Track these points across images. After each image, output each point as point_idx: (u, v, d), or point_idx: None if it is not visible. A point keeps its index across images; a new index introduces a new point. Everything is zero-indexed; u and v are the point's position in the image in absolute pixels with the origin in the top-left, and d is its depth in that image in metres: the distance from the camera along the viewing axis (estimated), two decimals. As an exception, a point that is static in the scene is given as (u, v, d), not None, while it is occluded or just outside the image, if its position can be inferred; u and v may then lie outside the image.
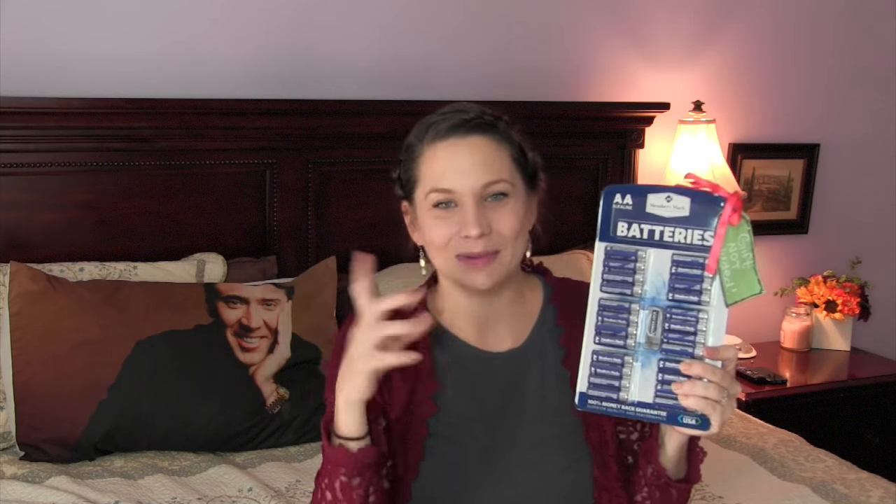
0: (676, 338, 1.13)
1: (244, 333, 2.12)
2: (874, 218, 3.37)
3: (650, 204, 1.13)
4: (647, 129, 2.88)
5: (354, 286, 1.12)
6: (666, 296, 1.13)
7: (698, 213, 1.11)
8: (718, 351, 1.12)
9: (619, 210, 1.14)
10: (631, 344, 1.14)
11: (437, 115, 1.32)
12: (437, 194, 1.26)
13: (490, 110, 1.32)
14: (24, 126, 2.23)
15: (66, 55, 2.34)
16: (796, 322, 3.05)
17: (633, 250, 1.13)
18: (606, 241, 1.14)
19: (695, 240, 1.11)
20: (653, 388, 1.13)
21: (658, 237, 1.13)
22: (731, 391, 1.13)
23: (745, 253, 1.11)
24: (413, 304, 1.14)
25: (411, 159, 1.31)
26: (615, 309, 1.14)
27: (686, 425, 1.13)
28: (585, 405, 1.15)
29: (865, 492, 1.95)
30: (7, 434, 2.03)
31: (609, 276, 1.14)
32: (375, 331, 1.10)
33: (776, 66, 3.14)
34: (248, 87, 2.49)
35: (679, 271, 1.12)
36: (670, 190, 1.13)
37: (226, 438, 2.06)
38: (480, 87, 2.72)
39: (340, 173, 2.56)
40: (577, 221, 2.84)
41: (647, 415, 1.14)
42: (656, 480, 1.26)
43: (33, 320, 2.03)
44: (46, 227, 2.30)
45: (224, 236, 2.46)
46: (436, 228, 1.27)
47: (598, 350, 1.15)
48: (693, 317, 1.12)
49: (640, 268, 1.13)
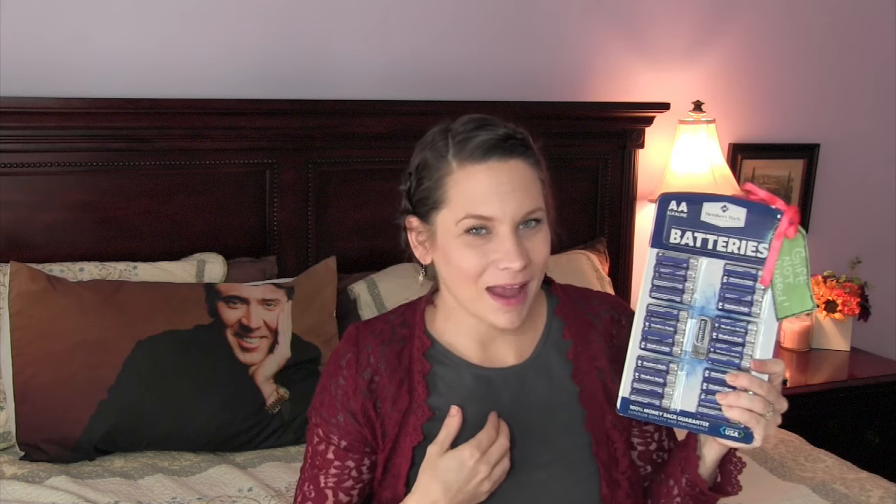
0: (724, 348, 1.12)
1: (244, 333, 2.12)
2: (874, 218, 3.37)
3: (705, 213, 1.12)
4: (647, 129, 2.88)
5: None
6: (716, 305, 1.12)
7: (754, 224, 1.11)
8: (766, 364, 1.11)
9: (674, 217, 1.13)
10: (677, 352, 1.13)
11: (461, 127, 1.23)
12: (472, 220, 1.18)
13: (513, 125, 1.24)
14: (24, 126, 2.23)
15: (66, 55, 2.34)
16: (796, 322, 3.05)
17: (684, 258, 1.13)
18: (659, 247, 1.14)
19: (749, 251, 1.11)
20: (696, 397, 1.12)
21: (712, 246, 1.12)
22: (777, 406, 1.12)
23: (800, 268, 1.11)
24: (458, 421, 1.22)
25: (436, 177, 1.21)
26: (663, 315, 1.14)
27: (729, 437, 1.12)
28: (627, 410, 1.15)
29: (865, 492, 1.95)
30: (7, 434, 2.03)
31: (659, 282, 1.14)
32: (499, 462, 1.20)
33: (776, 66, 3.14)
34: (248, 87, 2.49)
35: (731, 281, 1.12)
36: (727, 200, 1.12)
37: (226, 438, 2.06)
38: (481, 87, 2.73)
39: (340, 173, 2.56)
40: (577, 221, 2.84)
41: (690, 424, 1.13)
42: (691, 490, 1.23)
43: (33, 320, 2.03)
44: (46, 227, 2.30)
45: (224, 236, 2.46)
46: (468, 257, 1.18)
47: (643, 356, 1.14)
48: (742, 328, 1.12)
49: (691, 276, 1.13)
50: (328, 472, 1.28)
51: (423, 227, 1.25)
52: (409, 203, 1.26)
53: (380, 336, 1.29)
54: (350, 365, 1.27)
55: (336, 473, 1.27)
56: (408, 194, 1.26)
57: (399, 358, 1.27)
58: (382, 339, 1.29)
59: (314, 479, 1.29)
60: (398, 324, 1.31)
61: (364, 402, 1.26)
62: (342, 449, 1.27)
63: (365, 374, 1.26)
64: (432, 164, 1.22)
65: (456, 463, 1.18)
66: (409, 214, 1.27)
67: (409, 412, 1.25)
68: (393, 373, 1.27)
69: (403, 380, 1.26)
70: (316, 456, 1.29)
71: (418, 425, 1.25)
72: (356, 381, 1.26)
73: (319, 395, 1.30)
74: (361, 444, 1.27)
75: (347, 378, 1.27)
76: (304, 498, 1.30)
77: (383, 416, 1.26)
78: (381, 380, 1.26)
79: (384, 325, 1.31)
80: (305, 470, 1.31)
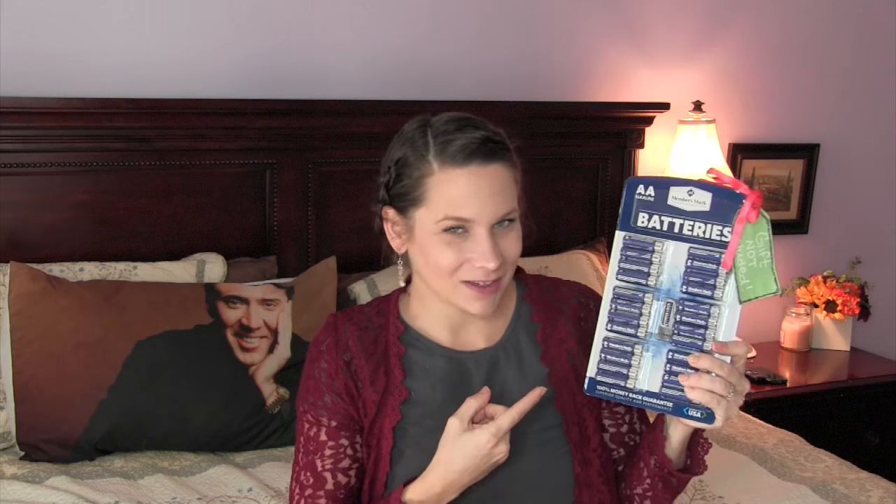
0: (687, 330, 1.14)
1: (244, 333, 2.12)
2: (874, 218, 3.37)
3: (672, 197, 1.14)
4: (647, 129, 2.88)
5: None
6: (680, 288, 1.14)
7: (719, 208, 1.12)
8: (728, 346, 1.13)
9: (641, 201, 1.15)
10: (642, 333, 1.16)
11: (442, 127, 1.26)
12: (451, 221, 1.23)
13: (491, 125, 1.28)
14: (24, 126, 2.23)
15: (66, 55, 2.34)
16: (796, 322, 3.05)
17: (650, 241, 1.15)
18: (626, 230, 1.15)
19: (713, 235, 1.12)
20: (660, 378, 1.15)
21: (678, 230, 1.14)
22: (738, 388, 1.14)
23: (763, 251, 1.12)
24: (485, 400, 1.23)
25: (416, 175, 1.25)
26: (629, 298, 1.16)
27: (691, 418, 1.15)
28: (594, 391, 1.18)
29: (865, 492, 1.95)
30: (7, 434, 2.03)
31: (625, 265, 1.16)
32: (503, 438, 1.20)
33: (776, 66, 3.14)
34: (248, 87, 2.49)
35: (695, 265, 1.14)
36: (693, 184, 1.14)
37: (226, 438, 2.06)
38: (480, 87, 2.73)
39: (340, 173, 2.56)
40: (577, 221, 2.84)
41: (654, 404, 1.16)
42: (659, 471, 1.27)
43: (33, 320, 2.03)
44: (46, 227, 2.30)
45: (224, 236, 2.46)
46: (445, 254, 1.24)
47: (609, 337, 1.17)
48: (705, 311, 1.13)
49: (657, 259, 1.15)
50: (323, 455, 1.30)
51: (399, 220, 1.30)
52: (387, 195, 1.30)
53: (357, 324, 1.35)
54: (330, 349, 1.32)
55: (332, 454, 1.30)
56: (386, 187, 1.30)
57: (375, 343, 1.33)
58: (360, 326, 1.35)
59: (310, 465, 1.31)
60: (374, 313, 1.37)
61: (346, 381, 1.31)
62: (333, 428, 1.31)
63: (344, 357, 1.32)
64: (412, 163, 1.26)
65: (472, 447, 1.21)
66: (386, 205, 1.31)
67: (387, 393, 1.30)
68: (369, 357, 1.32)
69: (380, 363, 1.32)
70: (309, 442, 1.32)
71: (396, 405, 1.30)
72: (337, 363, 1.31)
73: (304, 383, 1.34)
74: (350, 422, 1.31)
75: (329, 360, 1.32)
76: (301, 487, 1.31)
77: (363, 397, 1.31)
78: (359, 362, 1.32)
79: (360, 315, 1.37)
80: (298, 461, 1.33)
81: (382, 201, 1.32)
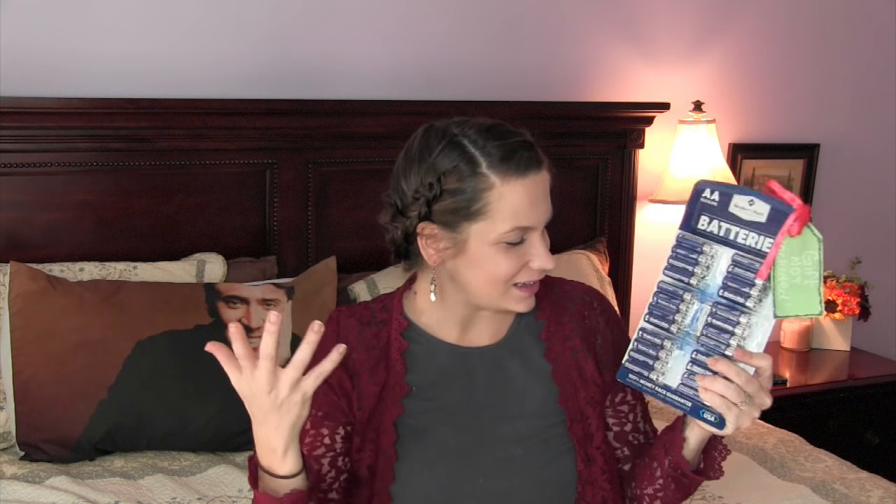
0: (714, 333, 1.16)
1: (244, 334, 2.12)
2: (874, 218, 3.37)
3: (734, 204, 1.15)
4: (647, 128, 2.88)
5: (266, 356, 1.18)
6: (718, 292, 1.16)
7: (774, 221, 1.13)
8: (752, 356, 1.14)
9: (706, 204, 1.17)
10: (675, 330, 1.18)
11: (483, 136, 1.24)
12: (517, 233, 1.23)
13: (521, 129, 1.29)
14: (24, 126, 2.23)
15: (66, 55, 2.34)
16: (796, 322, 3.05)
17: (700, 242, 1.17)
18: (685, 230, 1.18)
19: (762, 246, 1.14)
20: (681, 376, 1.17)
21: (732, 237, 1.15)
22: (756, 399, 1.15)
23: (810, 271, 1.12)
24: (317, 339, 1.17)
25: (471, 190, 1.22)
26: (670, 294, 1.19)
27: (704, 420, 1.17)
28: (626, 378, 1.21)
29: (865, 492, 1.95)
30: (7, 434, 2.04)
31: (674, 261, 1.19)
32: (300, 391, 1.15)
33: (776, 66, 3.14)
34: (248, 87, 2.49)
35: (735, 271, 1.15)
36: (755, 194, 1.15)
37: (226, 438, 2.06)
38: (481, 87, 2.72)
39: (340, 173, 2.56)
40: (577, 221, 2.84)
41: (675, 401, 1.18)
42: (673, 472, 1.27)
43: (33, 320, 2.03)
44: (46, 227, 2.30)
45: (224, 236, 2.46)
46: (504, 263, 1.24)
47: (645, 328, 1.20)
48: (734, 317, 1.15)
49: (703, 261, 1.17)
50: (301, 441, 1.29)
51: (445, 235, 1.26)
52: (429, 211, 1.26)
53: (360, 319, 1.36)
54: (330, 341, 1.31)
55: (309, 442, 1.31)
56: (427, 203, 1.25)
57: (377, 338, 1.34)
58: (362, 321, 1.36)
59: None
60: (378, 309, 1.38)
61: (340, 374, 1.31)
62: (318, 417, 1.31)
63: None
64: (465, 177, 1.22)
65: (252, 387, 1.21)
66: (425, 221, 1.26)
67: (387, 387, 1.31)
68: (370, 350, 1.33)
69: (381, 357, 1.33)
70: None
71: (398, 400, 1.30)
72: None
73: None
74: (338, 413, 1.31)
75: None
76: None
77: (360, 389, 1.31)
78: (358, 356, 1.32)
79: (364, 310, 1.38)
80: None
81: (421, 217, 1.26)
